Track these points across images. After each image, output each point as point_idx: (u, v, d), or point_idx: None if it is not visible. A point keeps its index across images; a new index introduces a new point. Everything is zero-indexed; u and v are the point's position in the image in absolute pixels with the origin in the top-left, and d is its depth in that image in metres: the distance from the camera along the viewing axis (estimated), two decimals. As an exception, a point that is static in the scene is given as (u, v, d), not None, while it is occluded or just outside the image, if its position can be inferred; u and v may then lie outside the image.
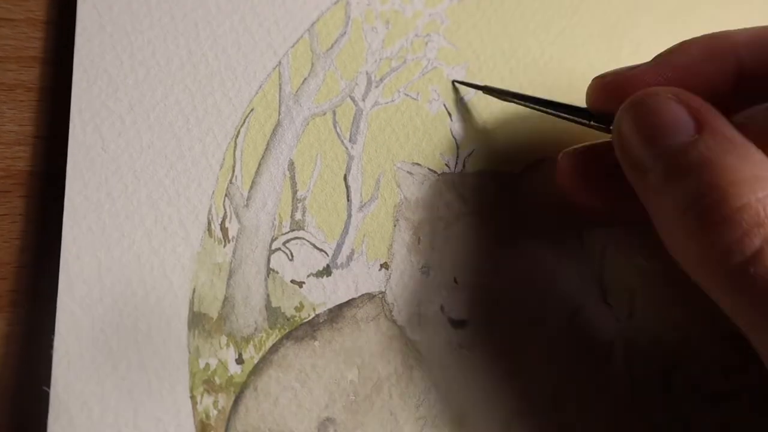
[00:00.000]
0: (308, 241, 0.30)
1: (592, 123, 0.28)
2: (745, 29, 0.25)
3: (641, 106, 0.23)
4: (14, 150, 0.30)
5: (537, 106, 0.31)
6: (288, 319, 0.29)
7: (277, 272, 0.29)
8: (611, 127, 0.26)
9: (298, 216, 0.30)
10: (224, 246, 0.29)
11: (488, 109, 0.34)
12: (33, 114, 0.31)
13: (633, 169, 0.24)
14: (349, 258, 0.30)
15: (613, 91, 0.26)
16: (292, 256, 0.30)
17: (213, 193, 0.30)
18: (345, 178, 0.31)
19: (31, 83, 0.31)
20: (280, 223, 0.30)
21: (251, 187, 0.30)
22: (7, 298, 0.28)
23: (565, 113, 0.29)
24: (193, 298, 0.28)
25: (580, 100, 0.31)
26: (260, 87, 0.32)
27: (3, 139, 0.30)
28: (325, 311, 0.29)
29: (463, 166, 0.33)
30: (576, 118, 0.29)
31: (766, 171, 0.21)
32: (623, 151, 0.24)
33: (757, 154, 0.21)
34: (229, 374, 0.28)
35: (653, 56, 0.36)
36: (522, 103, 0.32)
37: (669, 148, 0.22)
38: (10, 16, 0.32)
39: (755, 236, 0.20)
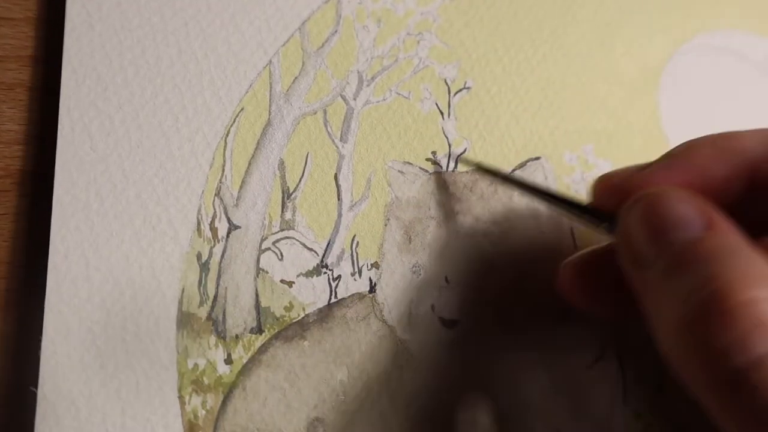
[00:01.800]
0: (298, 240, 0.30)
1: (594, 221, 0.26)
2: (756, 131, 0.24)
3: (649, 201, 0.22)
4: (14, 149, 0.30)
5: (540, 197, 0.29)
6: (277, 319, 0.29)
7: (267, 272, 0.29)
8: (614, 226, 0.25)
9: (288, 215, 0.30)
10: (213, 246, 0.29)
11: (480, 108, 0.34)
12: (32, 113, 0.30)
13: (634, 265, 0.22)
14: (340, 257, 0.30)
15: (620, 192, 0.25)
16: (281, 255, 0.30)
17: (202, 192, 0.30)
18: (335, 178, 0.31)
19: (30, 82, 0.31)
20: (270, 222, 0.30)
21: (241, 187, 0.30)
22: (6, 297, 0.28)
23: (569, 209, 0.27)
24: (182, 297, 0.28)
25: (572, 100, 0.31)
26: (250, 86, 0.31)
27: (2, 139, 0.30)
28: (314, 311, 0.29)
29: (455, 165, 0.32)
30: (580, 216, 0.27)
31: None
32: (626, 245, 0.23)
33: (763, 259, 0.20)
34: (217, 374, 0.28)
35: (646, 59, 0.36)
36: (522, 190, 0.30)
37: (674, 243, 0.21)
38: (10, 15, 0.31)
39: (761, 337, 0.18)
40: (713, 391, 0.19)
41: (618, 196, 0.24)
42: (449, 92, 0.34)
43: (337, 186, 0.31)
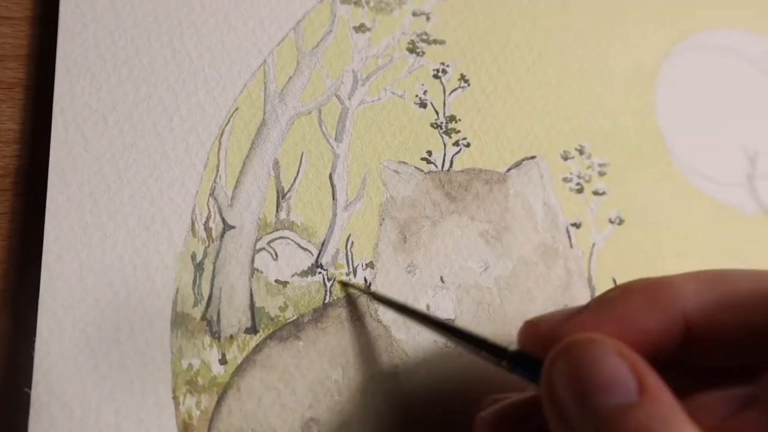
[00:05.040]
0: (293, 240, 0.30)
1: (493, 360, 0.24)
2: (691, 276, 0.22)
3: (576, 353, 0.20)
4: (13, 148, 0.30)
5: (438, 331, 0.26)
6: (272, 319, 0.29)
7: (262, 272, 0.29)
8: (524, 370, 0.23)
9: (282, 215, 0.30)
10: (208, 246, 0.29)
11: (475, 107, 0.33)
12: (32, 112, 0.30)
13: (560, 425, 0.20)
14: (335, 257, 0.30)
15: (547, 341, 0.22)
16: (276, 255, 0.30)
17: (197, 192, 0.30)
18: (330, 177, 0.31)
19: (29, 81, 0.31)
20: (265, 222, 0.30)
21: (236, 187, 0.30)
22: (3, 297, 0.28)
23: (485, 352, 0.24)
24: (176, 298, 0.28)
25: (568, 99, 0.30)
26: (245, 86, 0.31)
27: (2, 138, 0.30)
28: (309, 311, 0.29)
29: (450, 164, 0.32)
30: (479, 353, 0.24)
31: None
32: (551, 402, 0.20)
33: (692, 428, 0.18)
34: (212, 374, 0.28)
35: (642, 58, 0.35)
36: (418, 322, 0.28)
37: (604, 409, 0.19)
38: (9, 14, 0.31)
39: None
40: None
41: (545, 344, 0.22)
42: (444, 91, 0.34)
43: (332, 185, 0.31)
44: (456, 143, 0.33)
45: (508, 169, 0.33)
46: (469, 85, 0.34)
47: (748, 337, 0.20)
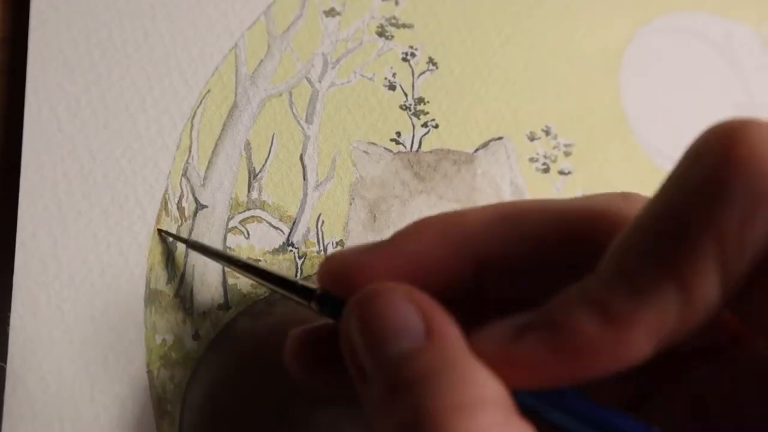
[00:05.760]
0: (264, 219, 0.31)
1: (302, 301, 0.24)
2: (480, 209, 0.22)
3: (367, 305, 0.20)
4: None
5: (246, 273, 0.26)
6: (245, 296, 0.30)
7: (234, 250, 0.30)
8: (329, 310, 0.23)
9: (254, 195, 0.31)
10: (181, 224, 0.30)
11: (443, 89, 0.34)
12: (5, 94, 0.31)
13: (356, 374, 0.20)
14: (305, 236, 0.31)
15: (344, 279, 0.22)
16: (248, 234, 0.30)
17: (170, 172, 0.30)
18: (301, 158, 0.32)
19: (3, 65, 0.31)
20: (237, 201, 0.31)
21: (208, 167, 0.31)
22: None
23: (288, 292, 0.24)
24: (149, 275, 0.29)
25: (534, 81, 0.31)
26: (216, 68, 0.32)
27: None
28: (281, 288, 0.30)
29: (419, 145, 0.33)
30: (309, 305, 0.24)
31: (488, 391, 0.18)
32: (347, 351, 0.20)
33: (482, 371, 0.18)
34: (185, 350, 0.28)
35: (607, 40, 0.36)
36: (228, 264, 0.28)
37: (392, 357, 0.19)
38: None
39: None
40: None
41: (345, 284, 0.22)
42: (413, 74, 0.34)
43: (303, 166, 0.32)
44: (425, 124, 0.34)
45: (476, 150, 0.34)
46: (437, 68, 0.35)
47: (537, 268, 0.21)
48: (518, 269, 0.21)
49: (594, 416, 0.18)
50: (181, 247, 0.29)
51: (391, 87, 0.34)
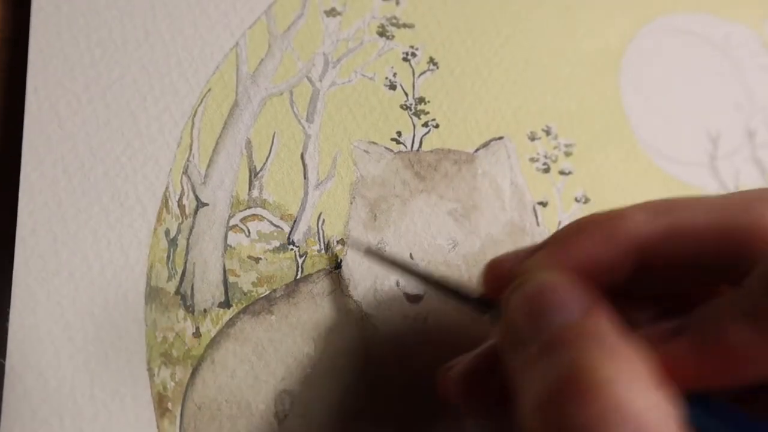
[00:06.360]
0: (265, 218, 0.31)
1: (480, 310, 0.26)
2: (640, 208, 0.23)
3: (532, 284, 0.22)
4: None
5: (428, 284, 0.28)
6: (245, 294, 0.30)
7: (235, 248, 0.30)
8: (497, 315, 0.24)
9: (255, 193, 0.31)
10: (182, 222, 0.30)
11: (444, 89, 0.34)
12: (5, 93, 0.31)
13: (511, 346, 0.22)
14: (306, 234, 0.31)
15: (508, 281, 0.23)
16: (249, 232, 0.30)
17: (170, 170, 0.30)
18: (302, 157, 0.32)
19: (3, 64, 0.31)
20: (237, 200, 0.31)
21: (208, 165, 0.31)
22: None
23: (455, 298, 0.26)
24: (150, 272, 0.29)
25: (535, 80, 0.31)
26: (217, 67, 0.32)
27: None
28: (281, 286, 0.30)
29: (420, 144, 0.33)
30: (466, 304, 0.26)
31: (634, 358, 0.19)
32: (506, 327, 0.22)
33: (632, 346, 0.19)
34: (186, 347, 0.28)
35: (608, 40, 0.36)
36: (411, 275, 0.29)
37: (551, 325, 0.20)
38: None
39: (614, 424, 0.17)
40: None
41: (506, 284, 0.23)
42: (413, 74, 0.34)
43: (304, 165, 0.32)
44: (425, 124, 0.34)
45: (477, 150, 0.34)
46: (437, 67, 0.35)
47: (696, 266, 0.22)
48: (675, 266, 0.22)
49: (739, 421, 0.19)
50: (181, 244, 0.29)
51: (392, 87, 0.34)
